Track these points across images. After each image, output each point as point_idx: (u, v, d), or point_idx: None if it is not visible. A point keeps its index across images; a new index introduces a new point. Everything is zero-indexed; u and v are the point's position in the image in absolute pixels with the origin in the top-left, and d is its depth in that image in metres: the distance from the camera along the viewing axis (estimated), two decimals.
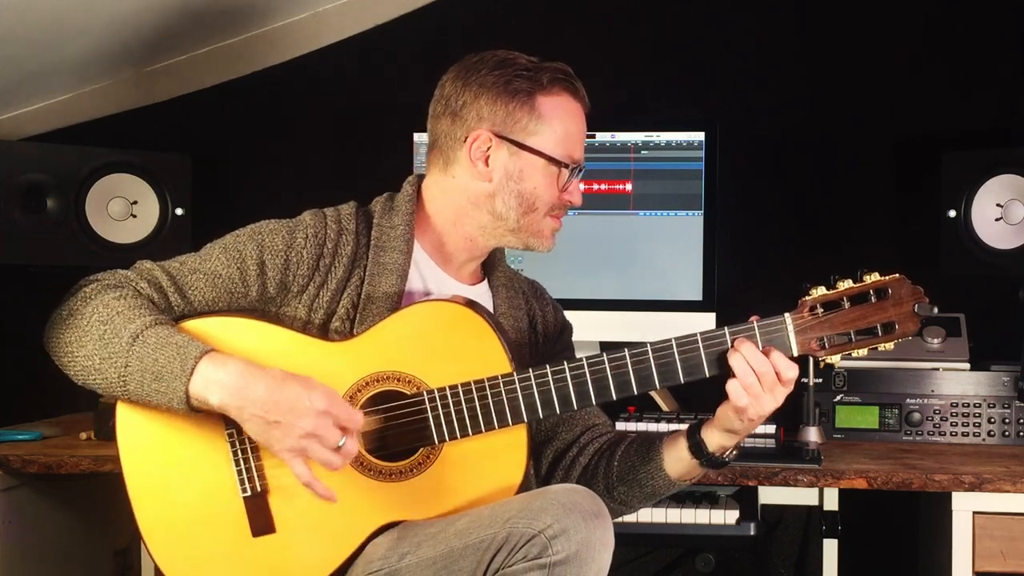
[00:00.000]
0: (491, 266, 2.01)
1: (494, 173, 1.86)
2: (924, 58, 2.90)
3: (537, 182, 1.87)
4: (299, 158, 3.11)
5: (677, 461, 1.87)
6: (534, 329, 2.02)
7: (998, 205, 2.57)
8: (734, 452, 1.86)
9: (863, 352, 1.76)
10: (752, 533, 2.26)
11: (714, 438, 1.83)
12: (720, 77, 2.97)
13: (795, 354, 1.75)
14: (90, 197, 2.69)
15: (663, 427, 2.33)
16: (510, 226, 1.89)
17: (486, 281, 2.00)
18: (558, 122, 1.87)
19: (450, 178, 1.90)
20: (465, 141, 1.87)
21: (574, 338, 2.12)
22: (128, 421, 1.78)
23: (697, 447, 1.84)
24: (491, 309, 1.94)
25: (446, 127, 1.89)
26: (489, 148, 1.86)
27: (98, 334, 1.70)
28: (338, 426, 1.66)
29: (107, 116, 3.06)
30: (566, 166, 1.88)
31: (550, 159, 1.87)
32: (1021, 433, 2.53)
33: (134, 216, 2.73)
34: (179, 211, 2.74)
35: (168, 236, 2.71)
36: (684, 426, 1.89)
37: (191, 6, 2.80)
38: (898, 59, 2.92)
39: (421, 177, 1.97)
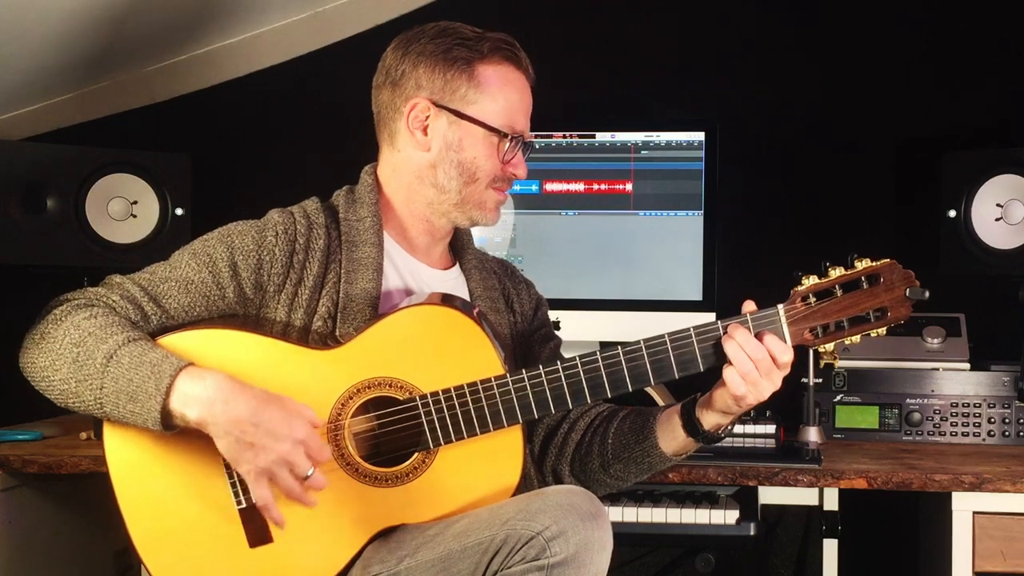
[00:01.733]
0: (461, 249, 2.00)
1: (433, 142, 1.86)
2: (924, 58, 2.90)
3: (477, 152, 1.86)
4: (299, 158, 3.11)
5: (672, 440, 1.87)
6: (511, 309, 2.02)
7: (998, 205, 2.57)
8: (729, 427, 1.85)
9: (856, 339, 1.76)
10: (752, 533, 2.26)
11: (710, 418, 1.82)
12: (720, 77, 2.97)
13: (789, 345, 1.75)
14: (90, 197, 2.68)
15: None
16: (453, 199, 1.88)
17: (457, 265, 1.99)
18: (498, 91, 1.86)
19: (396, 152, 1.90)
20: (404, 111, 1.86)
21: (574, 338, 2.11)
22: (116, 436, 1.75)
23: (692, 426, 1.83)
24: (466, 293, 1.94)
25: (387, 98, 1.90)
26: (428, 117, 1.85)
27: (71, 357, 1.67)
28: (309, 456, 1.66)
29: (107, 116, 3.06)
30: (506, 136, 1.87)
31: (490, 128, 1.85)
32: (1021, 433, 2.53)
33: (134, 216, 2.72)
34: (179, 211, 2.73)
35: (168, 236, 2.71)
36: (677, 404, 1.88)
37: (191, 6, 2.80)
38: (898, 59, 2.92)
39: (376, 165, 1.96)
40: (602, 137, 2.67)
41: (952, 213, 2.59)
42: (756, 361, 1.72)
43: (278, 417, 1.64)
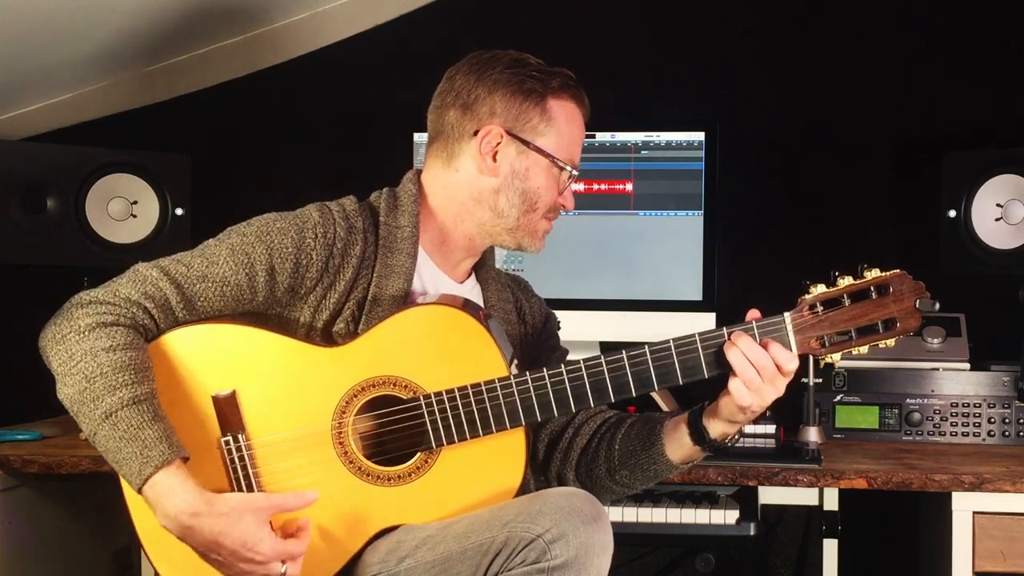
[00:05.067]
0: (480, 263, 2.00)
1: (500, 169, 1.87)
2: (924, 58, 2.91)
3: (540, 182, 1.88)
4: (299, 158, 3.11)
5: (679, 448, 1.86)
6: (523, 320, 2.03)
7: (998, 205, 2.57)
8: (736, 437, 1.85)
9: (863, 349, 1.75)
10: (752, 533, 2.26)
11: (717, 427, 1.82)
12: (720, 77, 2.98)
13: (795, 353, 1.74)
14: (90, 197, 2.68)
15: None
16: (508, 225, 1.89)
17: (473, 276, 2.00)
18: (564, 126, 1.89)
19: (453, 172, 1.90)
20: (475, 135, 1.87)
21: (574, 338, 2.11)
22: None
23: (700, 435, 1.83)
24: (481, 303, 1.95)
25: (455, 118, 1.88)
26: (499, 144, 1.86)
27: (79, 388, 1.67)
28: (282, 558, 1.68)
29: (107, 116, 3.06)
30: (568, 170, 1.90)
31: (555, 161, 1.88)
32: (1021, 433, 2.53)
33: (134, 216, 2.72)
34: (179, 211, 2.73)
35: (168, 236, 2.71)
36: (684, 412, 1.88)
37: (191, 6, 2.80)
38: (898, 59, 2.92)
39: (419, 172, 1.95)
40: (602, 137, 2.67)
41: (952, 213, 2.59)
42: (760, 368, 1.71)
43: (239, 542, 1.65)
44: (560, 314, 2.13)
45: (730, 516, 2.25)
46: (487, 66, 1.88)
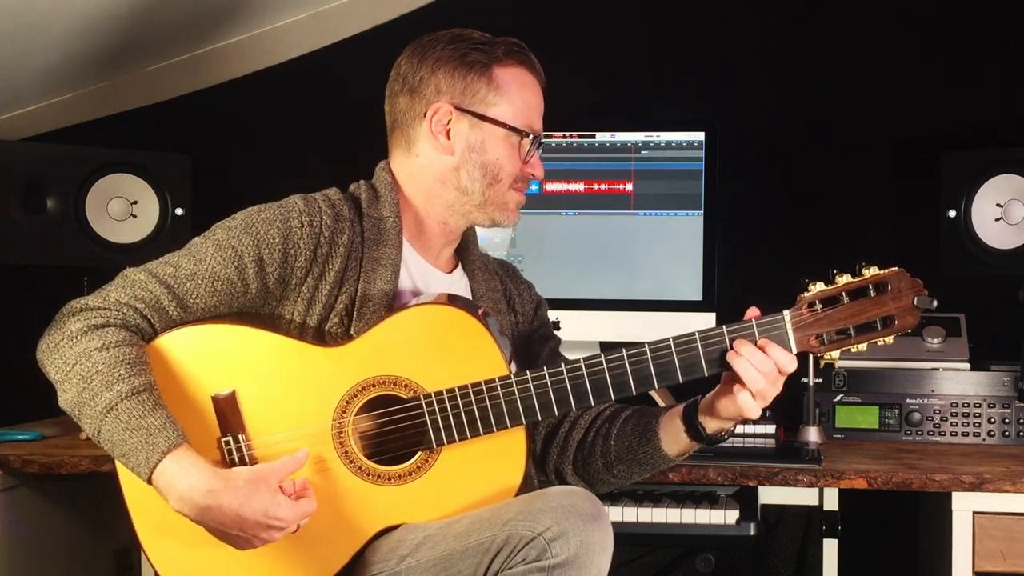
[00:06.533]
0: (464, 250, 2.00)
1: (456, 146, 1.87)
2: (924, 58, 2.91)
3: (499, 152, 1.88)
4: (299, 158, 3.11)
5: (675, 443, 1.87)
6: (512, 309, 2.03)
7: (998, 205, 2.57)
8: (732, 428, 1.86)
9: (862, 347, 1.75)
10: (752, 533, 2.26)
11: (713, 424, 1.82)
12: (720, 77, 2.98)
13: (794, 352, 1.74)
14: (90, 197, 2.68)
15: None
16: (476, 200, 1.89)
17: (460, 267, 1.99)
18: (516, 93, 1.88)
19: (414, 158, 1.90)
20: (425, 116, 1.87)
21: (574, 338, 2.11)
22: None
23: (696, 432, 1.84)
24: (469, 294, 1.94)
25: (405, 104, 1.89)
26: (450, 121, 1.86)
27: (78, 390, 1.67)
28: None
29: (107, 116, 3.06)
30: (527, 135, 1.89)
31: (511, 128, 1.87)
32: (1021, 433, 2.53)
33: (134, 216, 2.72)
34: (179, 211, 2.73)
35: (168, 236, 2.71)
36: (678, 406, 1.88)
37: (191, 6, 2.80)
38: (898, 59, 2.92)
39: (390, 163, 1.95)
40: (602, 137, 2.67)
41: (952, 213, 2.59)
42: (764, 374, 1.72)
43: (261, 512, 1.65)
44: (560, 314, 2.13)
45: (730, 516, 2.25)
46: (428, 47, 1.89)
